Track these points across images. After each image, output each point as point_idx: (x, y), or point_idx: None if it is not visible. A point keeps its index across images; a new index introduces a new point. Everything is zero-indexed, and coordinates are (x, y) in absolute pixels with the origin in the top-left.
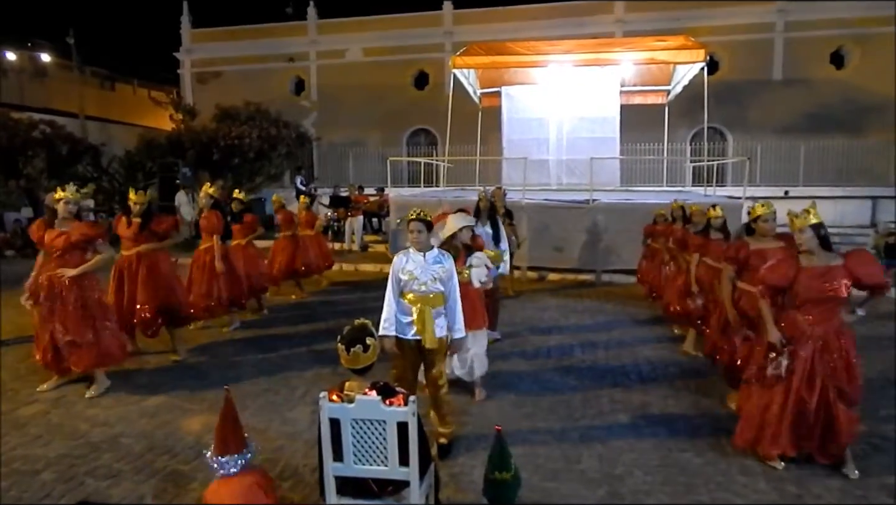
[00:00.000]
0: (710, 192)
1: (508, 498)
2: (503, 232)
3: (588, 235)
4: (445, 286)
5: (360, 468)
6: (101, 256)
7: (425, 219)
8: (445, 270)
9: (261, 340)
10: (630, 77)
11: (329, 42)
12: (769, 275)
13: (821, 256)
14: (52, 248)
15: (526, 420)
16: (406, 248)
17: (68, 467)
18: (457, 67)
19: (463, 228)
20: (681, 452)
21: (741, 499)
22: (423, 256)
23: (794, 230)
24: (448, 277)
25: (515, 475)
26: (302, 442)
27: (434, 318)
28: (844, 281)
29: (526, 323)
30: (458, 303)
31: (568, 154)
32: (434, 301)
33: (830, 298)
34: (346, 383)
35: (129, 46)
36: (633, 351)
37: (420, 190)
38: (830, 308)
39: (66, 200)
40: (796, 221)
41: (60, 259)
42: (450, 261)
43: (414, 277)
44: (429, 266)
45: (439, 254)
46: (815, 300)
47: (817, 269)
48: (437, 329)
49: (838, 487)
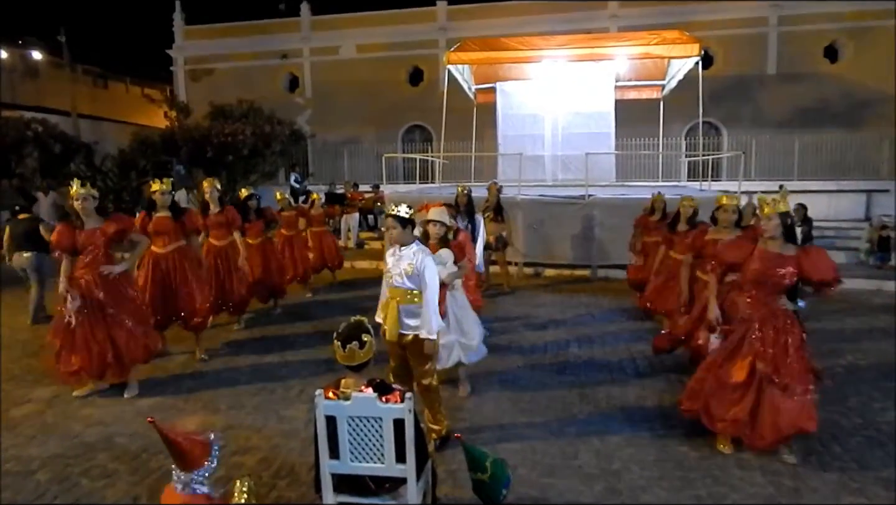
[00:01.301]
0: (706, 186)
1: (492, 497)
2: (481, 229)
3: (583, 231)
4: (415, 283)
5: (356, 466)
6: (140, 245)
7: (398, 215)
8: (414, 266)
9: (256, 338)
10: (625, 72)
11: (323, 39)
12: (723, 250)
13: (779, 245)
14: (88, 247)
15: (522, 416)
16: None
17: (63, 468)
18: (451, 63)
19: (436, 223)
20: (677, 446)
21: (738, 493)
22: (401, 250)
23: (762, 215)
24: (419, 274)
25: (494, 475)
26: (298, 440)
27: (402, 314)
28: (790, 269)
29: (522, 319)
30: (430, 304)
31: (563, 150)
32: (405, 297)
33: (773, 283)
34: (342, 381)
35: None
36: (628, 346)
37: (416, 186)
38: (770, 292)
39: (84, 197)
40: (766, 208)
41: (101, 257)
42: (425, 258)
43: (387, 270)
44: (399, 261)
45: (418, 250)
46: (758, 282)
47: (770, 253)
48: (404, 325)
49: (835, 480)
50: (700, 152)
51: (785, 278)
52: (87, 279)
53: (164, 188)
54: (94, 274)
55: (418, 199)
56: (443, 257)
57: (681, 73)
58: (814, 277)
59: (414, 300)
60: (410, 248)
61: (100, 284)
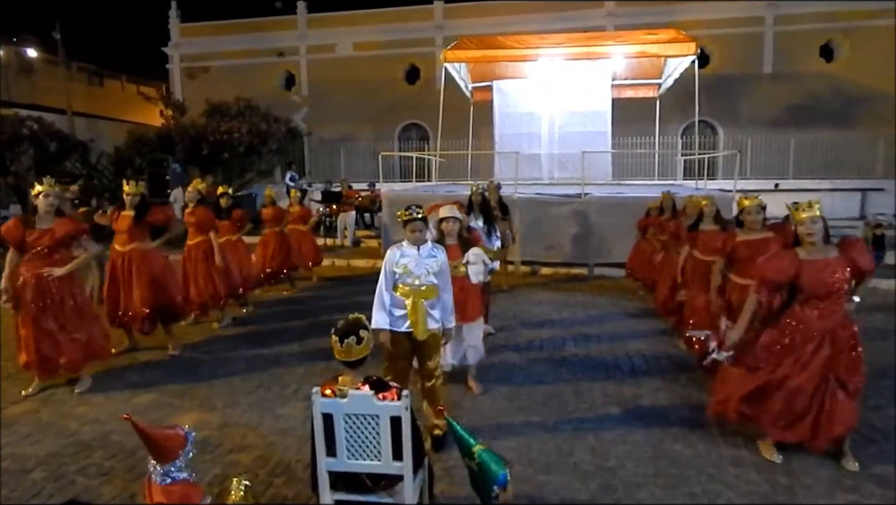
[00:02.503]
0: (702, 185)
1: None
2: (496, 226)
3: (580, 229)
4: (439, 278)
5: (353, 463)
6: (87, 253)
7: (423, 217)
8: (438, 263)
9: (252, 336)
10: (621, 71)
11: (319, 36)
12: (767, 268)
13: (820, 249)
14: (35, 247)
15: (519, 413)
16: (399, 242)
17: (59, 466)
18: (448, 61)
19: (449, 219)
20: (672, 444)
21: (733, 490)
22: (417, 249)
23: (798, 221)
24: (441, 270)
25: (482, 466)
26: (294, 438)
27: (428, 309)
28: (846, 271)
29: (519, 317)
30: (450, 294)
31: (560, 148)
32: (427, 293)
33: (836, 291)
34: (338, 378)
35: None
36: (625, 344)
37: (412, 185)
38: (835, 301)
39: (46, 194)
40: (805, 213)
41: (47, 258)
42: (443, 254)
43: (408, 271)
44: (423, 260)
45: (433, 247)
46: (822, 295)
47: (819, 262)
48: (430, 321)
49: (829, 477)
50: (696, 151)
51: (846, 283)
52: (25, 277)
53: (132, 190)
54: (36, 274)
55: (422, 197)
56: (478, 255)
57: (677, 72)
58: (866, 269)
59: (433, 295)
60: (427, 246)
61: (52, 282)
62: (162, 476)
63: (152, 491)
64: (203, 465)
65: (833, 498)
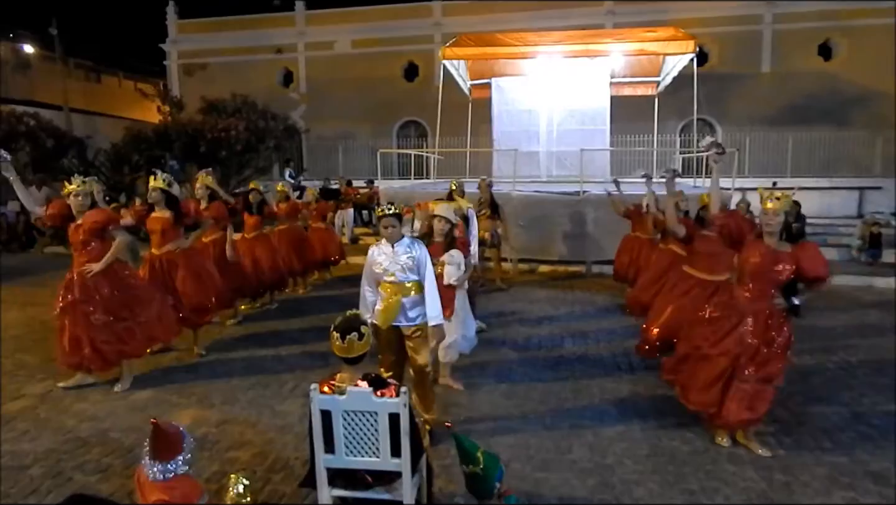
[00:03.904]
0: (700, 183)
1: (485, 489)
2: (474, 225)
3: (578, 227)
4: (420, 274)
5: (351, 460)
6: (117, 241)
7: (396, 213)
8: (414, 258)
9: (250, 333)
10: (620, 68)
11: (317, 33)
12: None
13: (776, 241)
14: (73, 243)
15: (516, 410)
16: (378, 241)
17: (56, 463)
18: (446, 59)
19: (441, 218)
20: (669, 441)
21: (730, 487)
22: (392, 247)
23: (765, 209)
24: (420, 265)
25: (486, 467)
26: (293, 435)
27: (406, 305)
28: (787, 266)
29: (516, 314)
30: (433, 290)
31: (558, 146)
32: (407, 290)
33: (770, 278)
34: (337, 375)
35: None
36: (622, 341)
37: (410, 182)
38: (767, 287)
39: (76, 193)
40: (772, 204)
41: (82, 251)
42: (421, 249)
43: (384, 269)
44: (397, 257)
45: (410, 243)
46: (757, 277)
47: (768, 248)
48: (406, 317)
49: (825, 474)
50: (694, 149)
51: (782, 274)
52: (79, 273)
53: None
54: (79, 272)
55: (412, 194)
56: (454, 258)
57: (676, 70)
58: (809, 272)
59: (413, 292)
60: (403, 242)
61: (82, 282)
62: (161, 472)
63: (145, 488)
64: (201, 461)
65: (830, 495)
